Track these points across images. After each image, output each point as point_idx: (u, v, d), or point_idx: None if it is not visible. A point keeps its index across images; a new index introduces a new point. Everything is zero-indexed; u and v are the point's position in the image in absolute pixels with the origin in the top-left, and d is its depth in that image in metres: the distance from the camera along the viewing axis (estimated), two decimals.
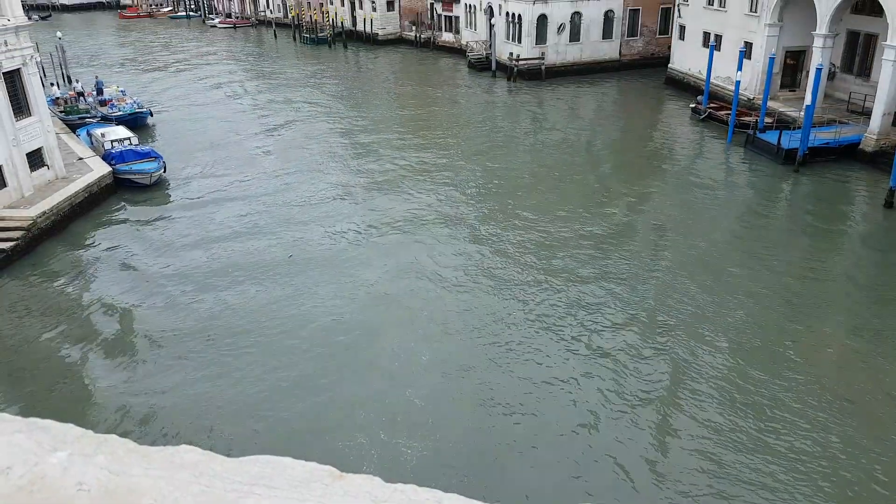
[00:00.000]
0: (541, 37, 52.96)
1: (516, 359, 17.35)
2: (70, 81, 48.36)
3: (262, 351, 18.02)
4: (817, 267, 22.13)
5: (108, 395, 16.62)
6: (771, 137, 32.06)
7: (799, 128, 31.52)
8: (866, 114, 32.18)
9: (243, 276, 22.01)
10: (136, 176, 30.38)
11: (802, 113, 31.40)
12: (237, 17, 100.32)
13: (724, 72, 40.54)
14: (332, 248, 24.07)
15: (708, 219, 26.13)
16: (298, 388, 16.45)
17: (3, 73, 25.50)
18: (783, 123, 33.47)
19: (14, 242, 23.64)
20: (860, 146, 30.80)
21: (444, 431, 14.91)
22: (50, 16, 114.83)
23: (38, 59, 30.37)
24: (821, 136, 30.86)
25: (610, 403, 15.62)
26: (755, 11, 38.12)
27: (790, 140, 30.86)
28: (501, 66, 55.12)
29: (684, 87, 45.99)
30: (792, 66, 38.75)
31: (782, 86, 38.60)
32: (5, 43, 25.65)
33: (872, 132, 30.39)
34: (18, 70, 26.73)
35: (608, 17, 54.04)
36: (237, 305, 20.31)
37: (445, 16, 68.84)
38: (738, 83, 35.17)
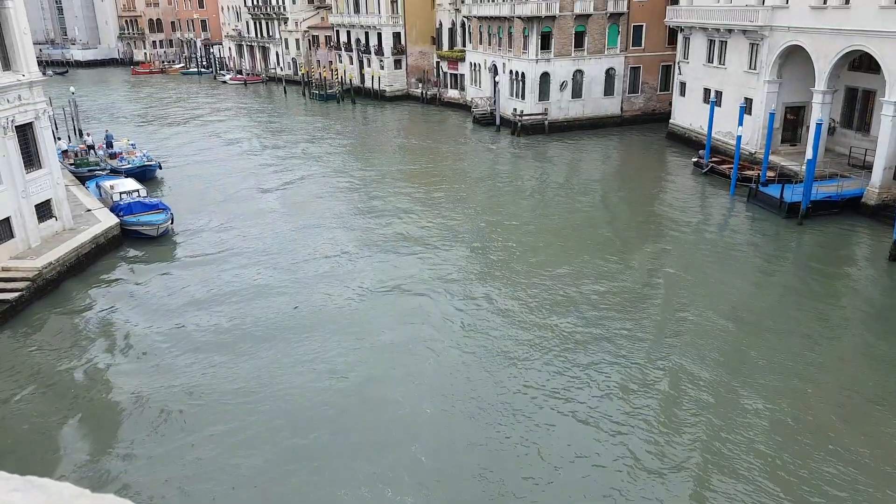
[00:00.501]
0: (544, 93, 53.99)
1: (522, 424, 17.09)
2: (81, 135, 49.28)
3: (268, 413, 17.80)
4: (825, 321, 21.96)
5: (106, 453, 16.37)
6: (773, 191, 32.27)
7: (801, 181, 31.74)
8: (867, 168, 32.47)
9: (247, 333, 21.83)
10: (144, 227, 30.63)
11: (804, 167, 31.68)
12: (248, 74, 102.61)
13: (725, 127, 41.09)
14: (337, 303, 24.01)
15: (715, 274, 26.07)
16: (305, 457, 16.16)
17: (15, 127, 26.01)
18: (785, 177, 33.73)
19: (19, 293, 23.70)
20: (862, 199, 30.96)
21: (450, 491, 14.61)
22: (67, 71, 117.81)
23: (51, 113, 31.04)
24: (823, 190, 31.04)
25: (611, 472, 15.32)
26: (754, 69, 38.88)
27: (793, 194, 31.05)
28: (505, 122, 56.09)
29: (686, 141, 46.58)
30: (792, 121, 39.30)
31: (783, 140, 39.08)
32: (19, 97, 26.26)
33: (874, 186, 30.58)
34: (31, 123, 27.28)
35: (609, 75, 55.16)
36: (241, 364, 20.11)
37: (451, 74, 70.39)
38: (739, 138, 35.61)
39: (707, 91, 44.00)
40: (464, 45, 67.83)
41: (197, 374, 19.38)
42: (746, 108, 38.27)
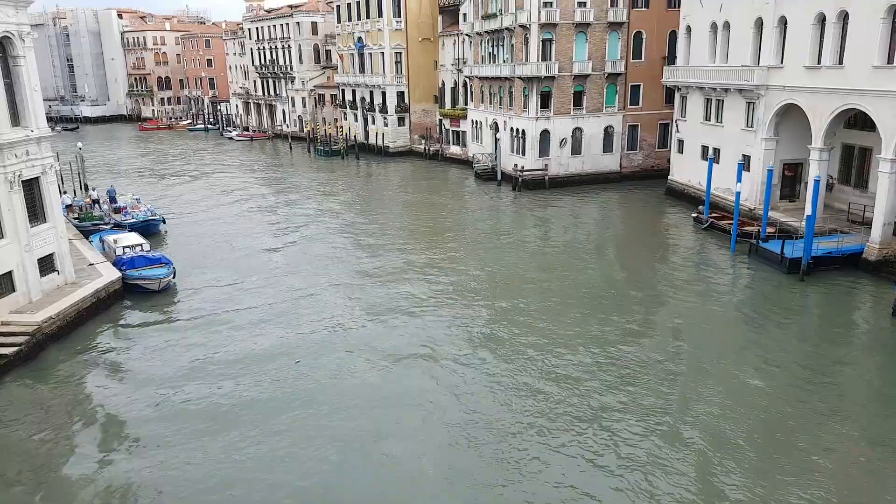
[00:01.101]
0: (544, 150, 54.82)
1: (525, 477, 16.75)
2: (87, 189, 49.88)
3: (269, 466, 17.48)
4: (831, 379, 21.70)
5: None
6: (774, 247, 32.34)
7: (801, 237, 31.85)
8: (867, 224, 32.62)
9: (245, 402, 21.24)
10: (145, 281, 30.67)
11: (803, 223, 31.83)
12: (254, 131, 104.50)
13: (724, 183, 41.48)
14: (340, 358, 23.83)
15: (718, 330, 25.89)
16: None
17: (21, 182, 26.33)
18: (785, 233, 33.86)
19: (17, 348, 23.55)
20: (863, 255, 30.99)
21: None
22: (77, 127, 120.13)
23: (58, 168, 31.49)
24: (823, 246, 31.11)
25: None
26: (751, 126, 39.48)
27: (793, 249, 31.11)
28: (506, 177, 56.80)
29: (685, 197, 46.97)
30: (790, 178, 39.67)
31: (782, 196, 39.37)
32: (27, 153, 26.66)
33: (874, 242, 30.66)
34: (37, 178, 27.60)
35: (608, 133, 56.07)
36: (241, 421, 19.86)
37: (453, 131, 71.64)
38: (738, 194, 35.88)
39: (705, 148, 44.58)
40: (466, 104, 69.20)
41: (190, 452, 18.27)
42: (744, 164, 38.72)
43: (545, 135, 54.62)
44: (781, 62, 36.52)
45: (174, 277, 31.82)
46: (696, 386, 21.08)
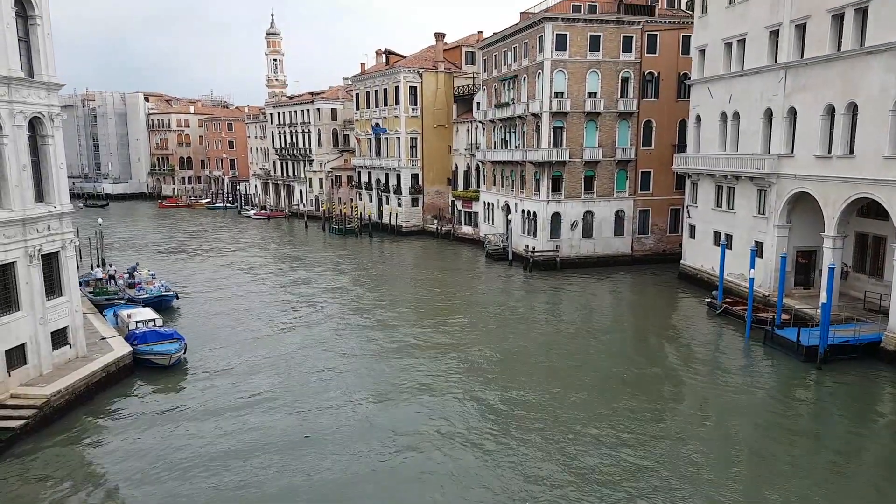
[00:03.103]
0: (555, 231, 55.33)
1: None
2: (104, 264, 50.56)
3: None
4: (854, 476, 20.95)
5: None
6: (790, 334, 31.89)
7: (816, 325, 31.41)
8: (883, 312, 32.22)
9: (256, 469, 21.13)
10: (156, 357, 30.62)
11: (819, 310, 31.48)
12: (271, 210, 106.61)
13: (737, 269, 41.40)
14: (349, 437, 23.38)
15: (738, 421, 25.13)
16: None
17: (41, 256, 26.74)
18: (800, 320, 33.45)
19: (25, 421, 23.33)
20: (881, 345, 30.44)
21: None
22: (107, 204, 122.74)
23: (77, 243, 32.06)
24: (840, 334, 30.63)
25: None
26: (763, 213, 39.70)
27: (809, 337, 30.66)
28: (518, 257, 57.14)
29: (698, 282, 46.80)
30: (804, 265, 39.51)
31: (796, 283, 39.14)
32: (48, 228, 27.20)
33: (892, 331, 30.19)
34: (57, 252, 28.05)
35: (619, 217, 56.64)
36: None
37: (465, 212, 72.72)
38: (751, 280, 35.70)
39: (717, 234, 44.78)
40: (478, 186, 70.52)
41: None
42: (757, 251, 38.72)
43: (556, 217, 55.23)
44: (792, 151, 37.06)
45: (185, 353, 31.74)
46: (708, 480, 20.36)
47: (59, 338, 28.04)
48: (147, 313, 35.18)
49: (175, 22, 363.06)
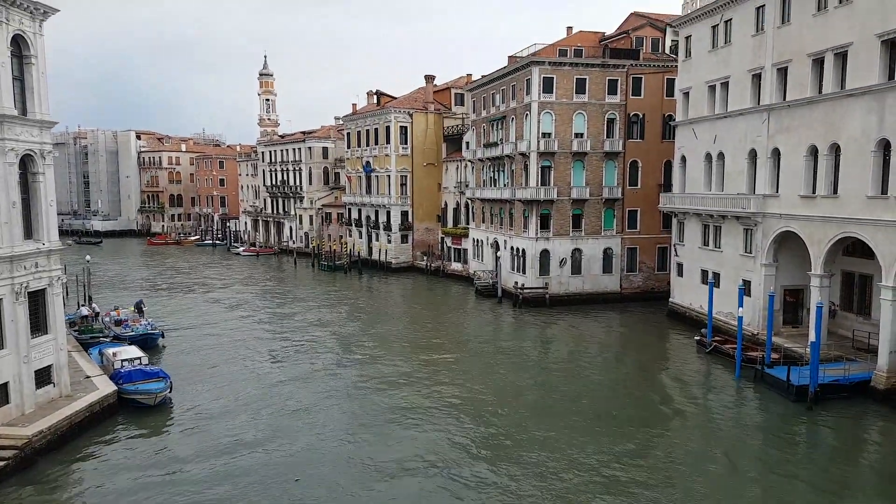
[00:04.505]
0: (544, 268, 55.57)
1: None
2: (90, 302, 50.07)
3: None
4: None
5: None
6: (780, 373, 31.89)
7: (806, 364, 31.46)
8: (872, 351, 32.33)
9: None
10: (141, 396, 30.15)
11: (808, 349, 31.55)
12: (261, 246, 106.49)
13: (725, 307, 41.58)
14: (340, 479, 22.99)
15: (730, 464, 24.89)
16: None
17: (27, 293, 26.48)
18: (790, 359, 33.48)
19: (4, 462, 22.78)
20: (871, 384, 30.46)
21: None
22: (101, 241, 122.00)
23: (64, 280, 31.82)
24: (830, 373, 30.66)
25: None
26: (750, 252, 40.04)
27: (800, 376, 30.66)
28: (507, 294, 57.25)
29: (686, 320, 46.90)
30: (792, 303, 39.74)
31: (785, 322, 39.30)
32: (36, 265, 27.00)
33: (881, 370, 30.25)
34: (44, 290, 27.79)
35: (607, 254, 56.98)
36: None
37: (454, 248, 72.97)
38: (740, 319, 35.81)
39: (704, 272, 45.05)
40: (467, 223, 70.90)
41: None
42: (745, 289, 38.93)
43: (545, 254, 55.51)
44: (777, 191, 37.58)
45: (171, 392, 31.28)
46: None
47: (43, 376, 27.59)
48: (133, 352, 34.72)
49: (168, 61, 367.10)
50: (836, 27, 32.71)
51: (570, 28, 64.32)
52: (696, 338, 41.65)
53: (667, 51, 58.99)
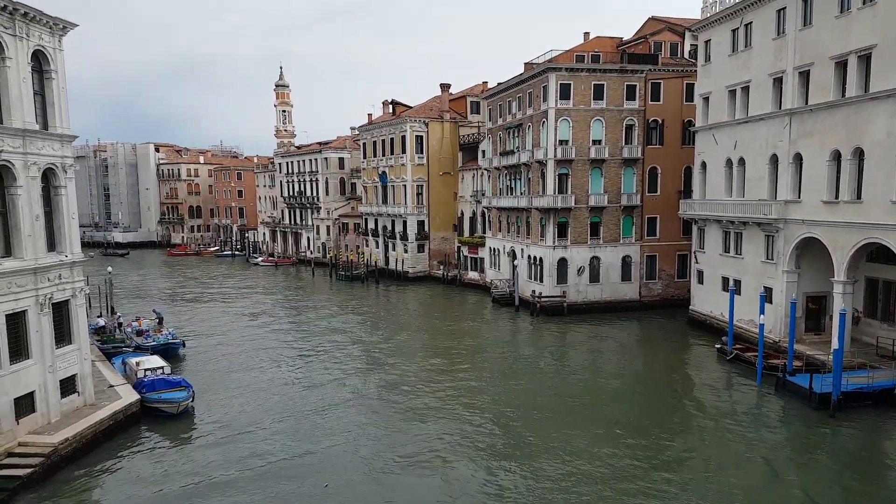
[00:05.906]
0: (561, 277, 55.27)
1: None
2: (113, 312, 50.70)
3: None
4: None
5: None
6: (802, 381, 31.46)
7: (829, 371, 31.01)
8: None
9: None
10: (164, 405, 30.46)
11: (831, 356, 31.12)
12: (279, 257, 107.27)
13: (746, 314, 41.14)
14: (367, 484, 23.04)
15: (753, 474, 24.58)
16: None
17: (52, 304, 26.85)
18: (812, 367, 33.04)
19: (31, 469, 23.13)
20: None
21: None
22: (128, 253, 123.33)
23: (87, 291, 32.22)
24: (853, 381, 30.19)
25: None
26: (772, 259, 39.60)
27: (822, 384, 30.22)
28: (524, 302, 57.01)
29: (707, 328, 46.43)
30: (815, 310, 39.18)
31: (807, 329, 38.76)
32: (59, 276, 27.38)
33: None
34: (67, 301, 28.17)
35: (626, 262, 56.60)
36: None
37: (471, 257, 72.90)
38: (762, 326, 35.43)
39: (725, 279, 44.63)
40: (484, 232, 70.85)
41: None
42: (767, 296, 38.50)
43: (563, 262, 55.26)
44: (799, 196, 37.16)
45: (193, 401, 31.54)
46: None
47: (68, 386, 27.95)
48: (156, 361, 35.13)
49: (188, 77, 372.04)
50: (859, 29, 32.36)
51: (587, 34, 63.98)
52: (716, 346, 41.24)
53: (686, 55, 58.76)
